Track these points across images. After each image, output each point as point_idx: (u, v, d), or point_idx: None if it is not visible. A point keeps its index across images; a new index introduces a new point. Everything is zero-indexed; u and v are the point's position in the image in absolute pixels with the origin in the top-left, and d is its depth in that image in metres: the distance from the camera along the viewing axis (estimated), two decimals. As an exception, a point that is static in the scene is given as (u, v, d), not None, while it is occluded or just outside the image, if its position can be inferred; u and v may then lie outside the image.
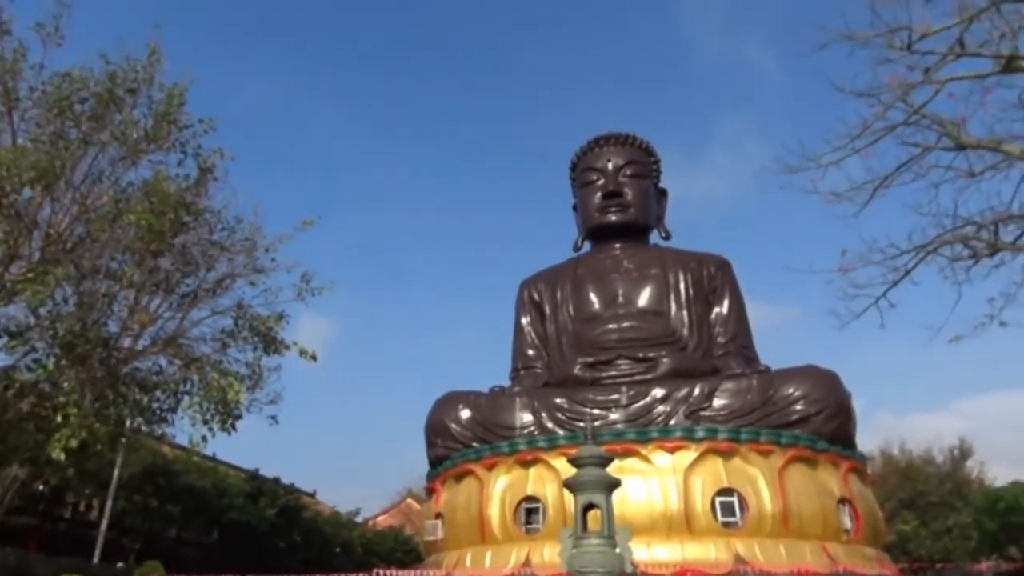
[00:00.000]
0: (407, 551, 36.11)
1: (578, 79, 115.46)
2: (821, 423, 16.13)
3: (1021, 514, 24.62)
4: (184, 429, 12.48)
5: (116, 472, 22.81)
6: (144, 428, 13.65)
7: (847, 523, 15.57)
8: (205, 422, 11.87)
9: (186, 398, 12.27)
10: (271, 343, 12.99)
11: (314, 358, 12.93)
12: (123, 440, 14.24)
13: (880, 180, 10.77)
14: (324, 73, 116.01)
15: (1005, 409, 75.30)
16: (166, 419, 12.58)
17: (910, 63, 9.98)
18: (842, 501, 15.66)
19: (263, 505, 29.26)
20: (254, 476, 31.18)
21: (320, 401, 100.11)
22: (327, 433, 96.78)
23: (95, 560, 22.26)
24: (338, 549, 32.81)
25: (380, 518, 49.28)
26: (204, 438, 11.86)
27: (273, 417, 13.60)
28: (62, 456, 10.47)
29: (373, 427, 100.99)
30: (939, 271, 10.99)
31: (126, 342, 12.90)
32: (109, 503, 23.09)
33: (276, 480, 31.45)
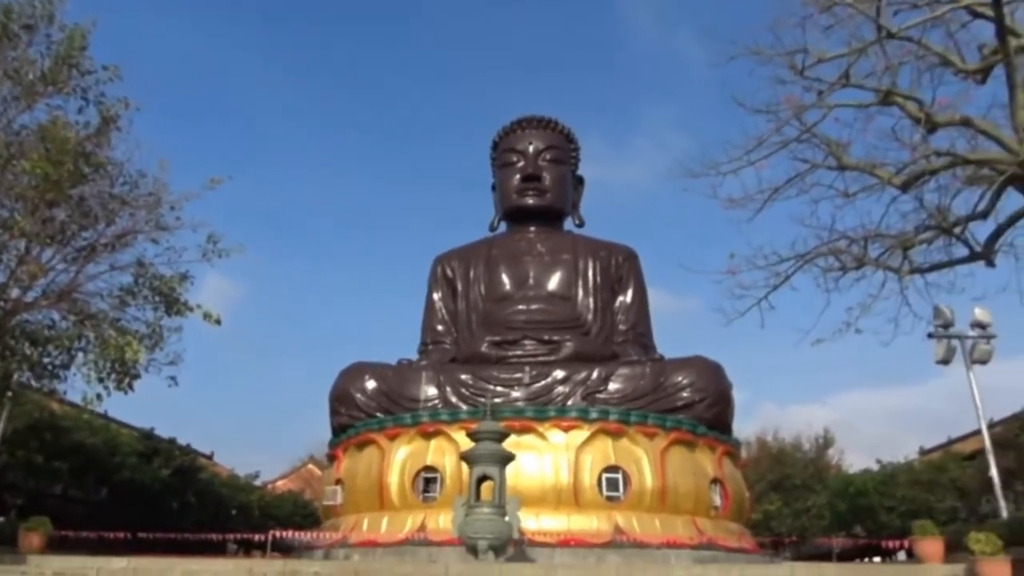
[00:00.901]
0: (306, 515, 36.03)
1: (507, 61, 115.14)
2: (703, 409, 17.54)
3: (867, 497, 27.65)
4: (77, 386, 12.26)
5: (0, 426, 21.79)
6: (34, 383, 13.26)
7: (717, 501, 17.12)
8: (100, 380, 11.71)
9: (81, 355, 12.02)
10: (173, 304, 12.85)
11: (218, 322, 12.91)
12: (9, 394, 13.76)
13: (771, 192, 11.88)
14: (244, 25, 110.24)
15: (866, 404, 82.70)
16: (58, 375, 12.27)
17: (804, 85, 11.03)
18: (714, 481, 17.18)
19: (157, 465, 28.49)
20: (148, 435, 30.22)
21: (221, 363, 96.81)
22: (228, 395, 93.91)
23: (-27, 515, 21.29)
24: (235, 511, 32.40)
25: (280, 482, 48.84)
26: (99, 396, 11.70)
27: (173, 378, 13.51)
28: None
29: (276, 392, 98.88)
30: (814, 279, 12.27)
31: (14, 293, 12.40)
32: (-9, 458, 22.00)
33: (172, 440, 30.63)
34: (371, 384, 18.68)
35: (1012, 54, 9.69)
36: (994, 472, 20.14)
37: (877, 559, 29.26)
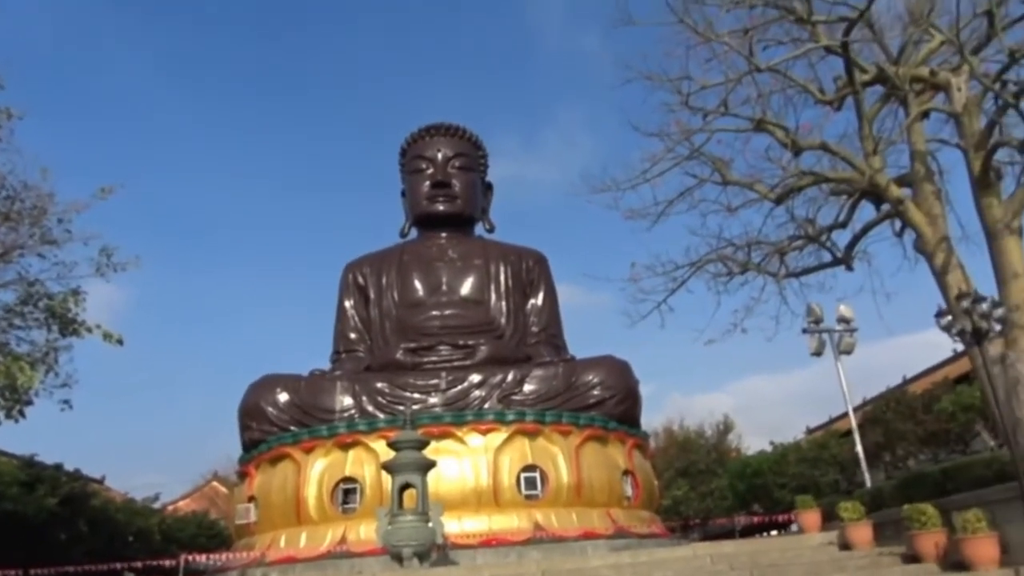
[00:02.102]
0: (211, 536, 34.46)
1: (417, 64, 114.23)
2: (613, 406, 18.37)
3: (763, 477, 29.93)
4: None
5: None
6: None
7: (629, 491, 18.01)
8: None
9: None
10: (68, 324, 12.17)
11: (120, 342, 12.35)
12: None
13: (664, 205, 12.87)
14: (132, 23, 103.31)
15: (762, 389, 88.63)
16: None
17: (691, 111, 12.07)
18: (626, 473, 18.06)
19: (42, 494, 26.42)
20: (30, 463, 28.02)
21: (108, 379, 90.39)
22: (117, 414, 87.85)
23: None
24: (132, 538, 30.53)
25: (182, 503, 46.40)
26: None
27: (66, 402, 12.80)
28: None
29: (172, 408, 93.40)
30: (706, 284, 13.39)
31: None
32: None
33: (58, 466, 28.48)
34: (283, 397, 18.28)
35: (859, 88, 11.07)
36: (859, 448, 22.42)
37: (774, 532, 31.58)
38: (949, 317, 9.80)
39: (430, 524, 12.88)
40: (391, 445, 13.77)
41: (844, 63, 11.03)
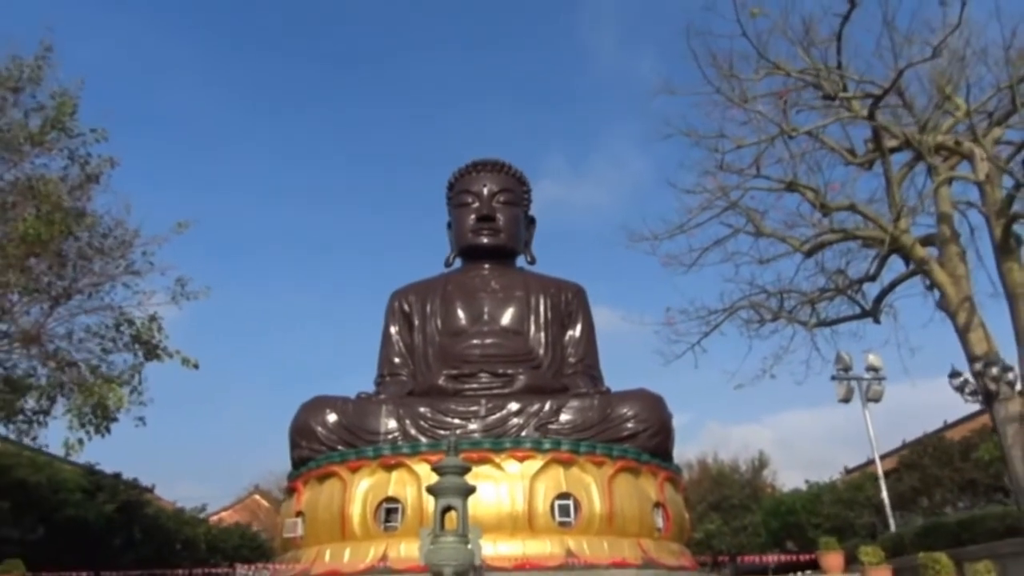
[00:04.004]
0: (253, 548, 35.71)
1: (469, 89, 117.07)
2: (646, 439, 18.90)
3: (797, 516, 29.83)
4: (50, 433, 12.62)
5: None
6: (10, 430, 13.48)
7: (659, 523, 18.45)
8: (82, 425, 12.16)
9: (62, 400, 12.46)
10: (152, 350, 13.40)
11: (196, 366, 13.56)
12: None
13: (699, 254, 13.68)
14: (196, 47, 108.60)
15: (802, 423, 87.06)
16: (38, 420, 12.64)
17: (725, 171, 12.89)
18: (657, 505, 18.52)
19: (102, 501, 28.05)
20: (92, 471, 29.77)
21: (158, 391, 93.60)
22: (165, 425, 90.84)
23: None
24: (179, 546, 31.98)
25: (225, 514, 47.96)
26: (80, 442, 12.16)
27: (141, 419, 13.97)
28: None
29: (217, 422, 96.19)
30: (737, 329, 14.09)
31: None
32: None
33: (117, 475, 30.14)
34: (332, 417, 19.28)
35: (887, 154, 11.74)
36: (884, 494, 22.46)
37: (808, 572, 31.31)
38: (961, 378, 10.29)
39: (469, 546, 13.62)
40: (435, 469, 14.60)
41: (872, 131, 11.71)
